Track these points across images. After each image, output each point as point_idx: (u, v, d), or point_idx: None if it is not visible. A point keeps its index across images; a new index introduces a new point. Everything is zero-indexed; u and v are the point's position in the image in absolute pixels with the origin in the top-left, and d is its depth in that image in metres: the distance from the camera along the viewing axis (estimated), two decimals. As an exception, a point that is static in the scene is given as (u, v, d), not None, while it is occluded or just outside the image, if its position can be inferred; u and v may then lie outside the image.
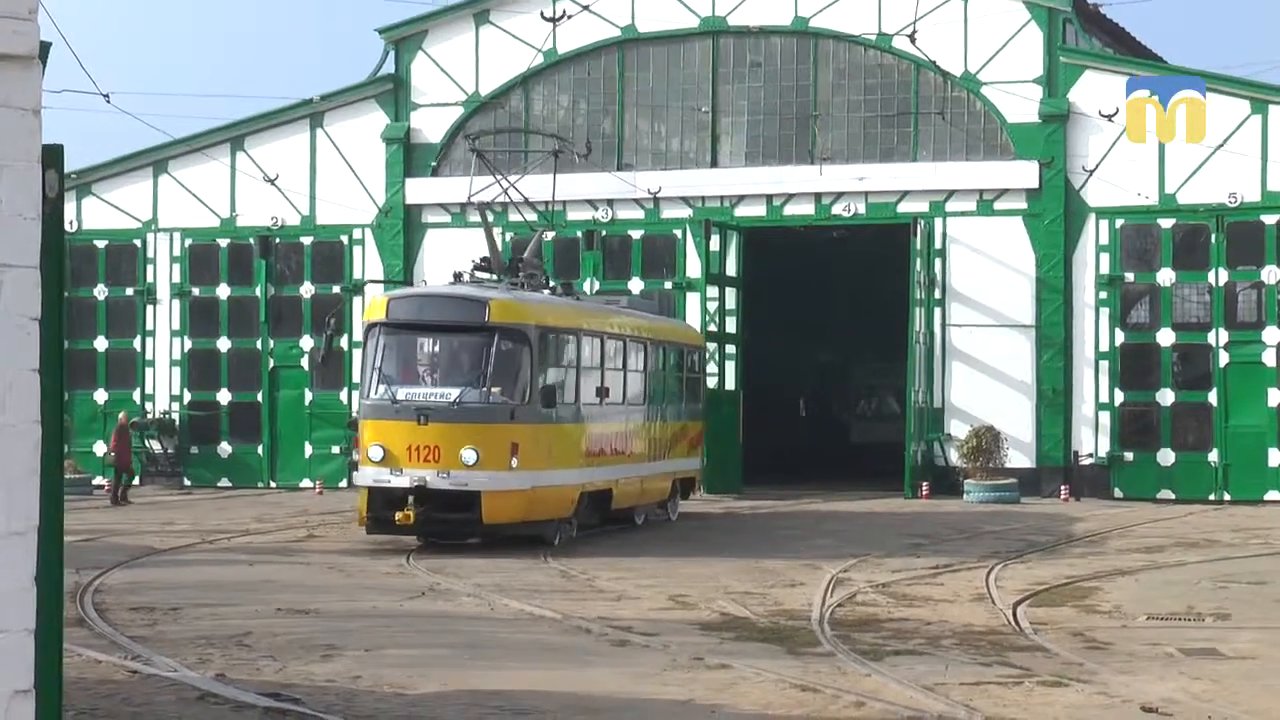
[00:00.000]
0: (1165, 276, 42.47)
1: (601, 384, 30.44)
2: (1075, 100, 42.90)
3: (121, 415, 43.22)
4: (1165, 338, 42.37)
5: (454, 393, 26.89)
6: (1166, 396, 42.29)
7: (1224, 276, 42.01)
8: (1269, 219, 41.58)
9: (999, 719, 13.14)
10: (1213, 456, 41.81)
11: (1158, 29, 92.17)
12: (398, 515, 26.23)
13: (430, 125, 46.66)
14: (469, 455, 26.38)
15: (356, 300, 45.49)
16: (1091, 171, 42.46)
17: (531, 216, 35.75)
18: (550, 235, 42.05)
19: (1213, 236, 41.91)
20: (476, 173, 35.09)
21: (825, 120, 44.61)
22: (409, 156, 46.69)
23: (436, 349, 27.91)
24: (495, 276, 30.56)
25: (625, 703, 13.88)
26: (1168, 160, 42.07)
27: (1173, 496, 41.38)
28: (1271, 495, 41.08)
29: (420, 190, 46.50)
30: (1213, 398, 41.92)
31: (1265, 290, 42.08)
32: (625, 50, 45.66)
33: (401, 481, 26.46)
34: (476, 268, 30.81)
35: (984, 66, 43.33)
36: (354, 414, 46.10)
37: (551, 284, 32.61)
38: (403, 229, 46.38)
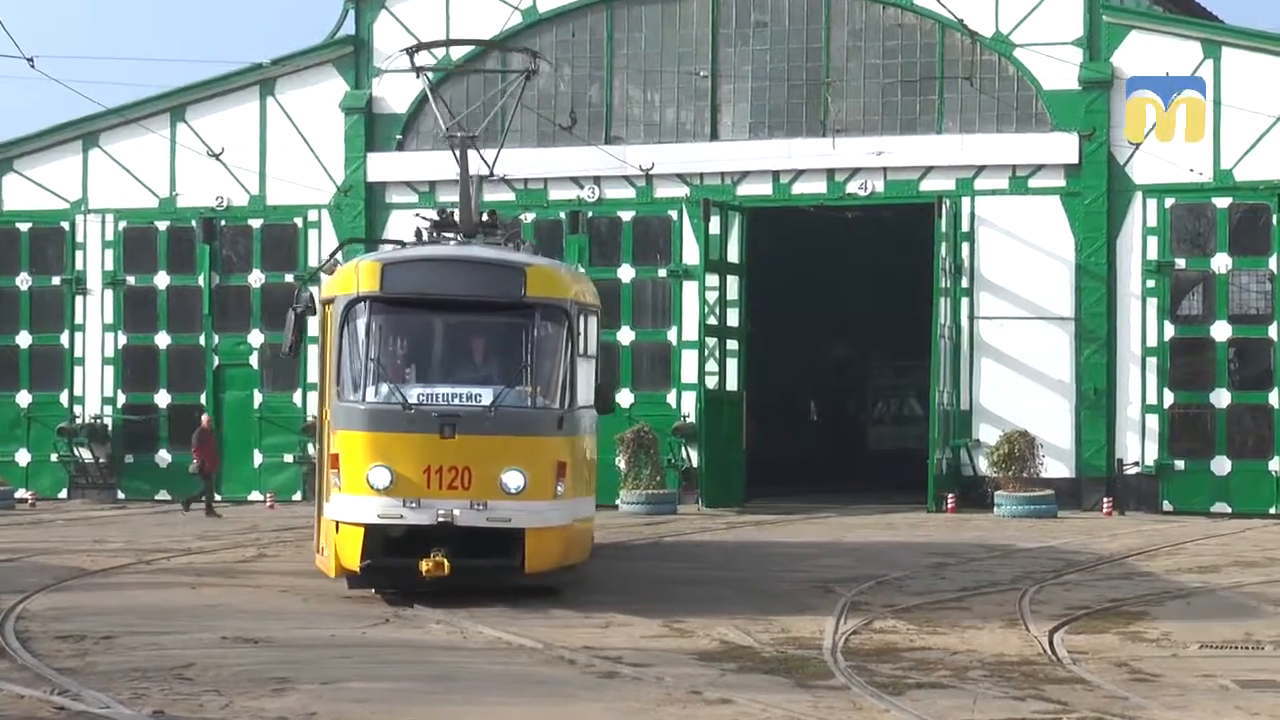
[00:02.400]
0: (1221, 263, 42.51)
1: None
2: (1120, 65, 42.94)
3: (205, 418, 43.21)
4: (1221, 331, 42.41)
5: (487, 394, 22.69)
6: (1222, 398, 42.32)
7: (1286, 263, 42.05)
8: (1337, 198, 41.65)
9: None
10: (1274, 465, 41.87)
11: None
12: (425, 565, 21.95)
13: (395, 93, 46.63)
14: (513, 480, 22.43)
15: (312, 290, 45.54)
16: (1138, 145, 42.51)
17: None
18: (530, 217, 42.14)
19: (1274, 217, 41.98)
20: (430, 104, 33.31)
21: (839, 87, 44.64)
22: (371, 128, 46.68)
23: (456, 334, 23.87)
24: (460, 237, 25.64)
25: (614, 742, 13.90)
26: (1224, 132, 42.12)
27: (1229, 510, 41.43)
28: (1340, 508, 41.14)
29: (384, 166, 46.49)
30: (1273, 399, 41.98)
31: (1333, 278, 42.14)
32: (614, 9, 45.67)
33: (420, 517, 22.31)
34: (438, 225, 25.96)
35: (1017, 26, 43.37)
36: (309, 419, 46.40)
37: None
38: (364, 210, 46.39)
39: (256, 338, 46.72)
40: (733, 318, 44.40)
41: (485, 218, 26.25)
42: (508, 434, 22.52)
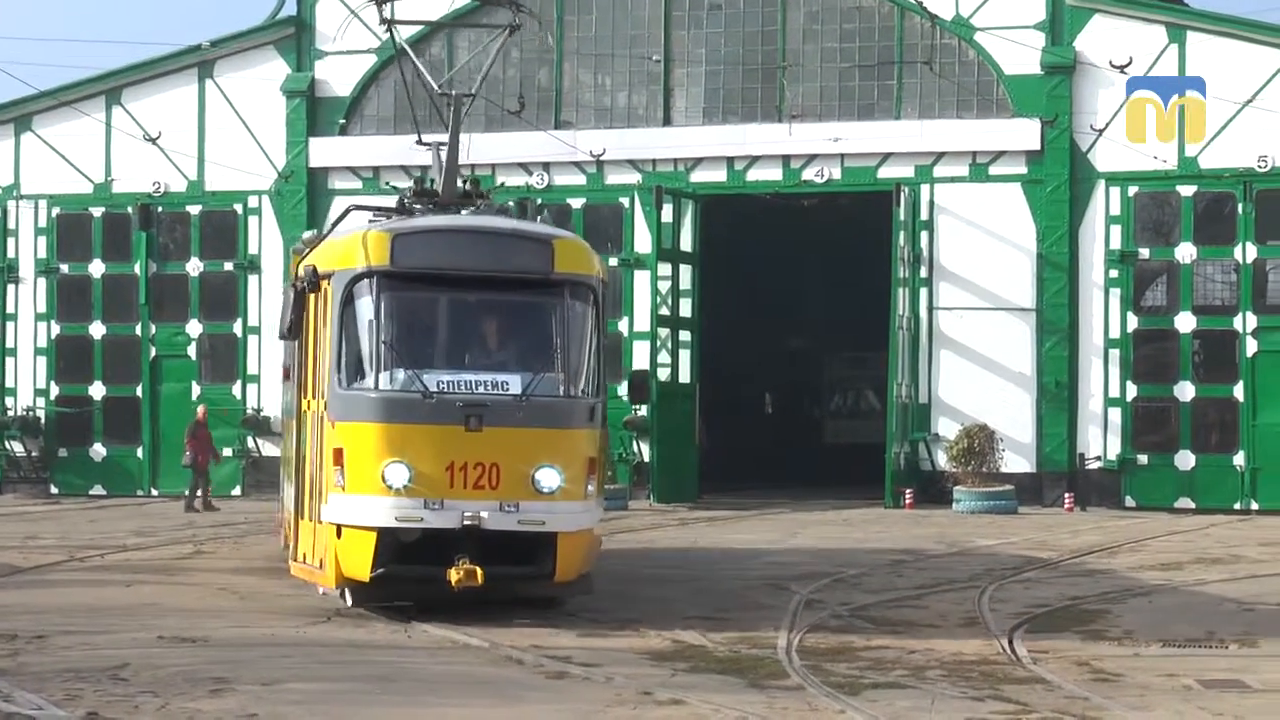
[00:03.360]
0: (1185, 252, 42.68)
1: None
2: (1082, 49, 43.08)
3: (200, 410, 42.94)
4: (1185, 323, 42.59)
5: (515, 381, 20.83)
6: (1186, 390, 42.50)
7: (1252, 252, 42.27)
8: (1303, 186, 41.85)
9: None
10: (1238, 460, 42.06)
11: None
12: (454, 573, 20.05)
13: (338, 76, 46.55)
14: (549, 478, 20.59)
15: (252, 279, 45.50)
16: (1101, 131, 42.65)
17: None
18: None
19: (1239, 206, 42.17)
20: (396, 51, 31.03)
21: (795, 72, 44.68)
22: (313, 112, 46.58)
23: (476, 315, 21.67)
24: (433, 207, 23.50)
25: (562, 744, 13.90)
26: (1188, 119, 42.27)
27: (1192, 505, 41.62)
28: (1306, 504, 41.36)
29: (326, 151, 46.39)
30: (1239, 392, 42.16)
31: (1298, 268, 42.38)
32: (564, -10, 45.62)
33: (443, 520, 20.33)
34: (419, 194, 23.89)
35: (978, 10, 43.47)
36: (249, 411, 46.30)
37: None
38: (306, 196, 46.30)
39: (195, 328, 46.60)
40: (686, 308, 44.44)
41: (468, 187, 24.05)
42: (540, 426, 20.66)
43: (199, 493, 40.87)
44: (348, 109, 46.49)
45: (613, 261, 44.68)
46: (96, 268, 47.58)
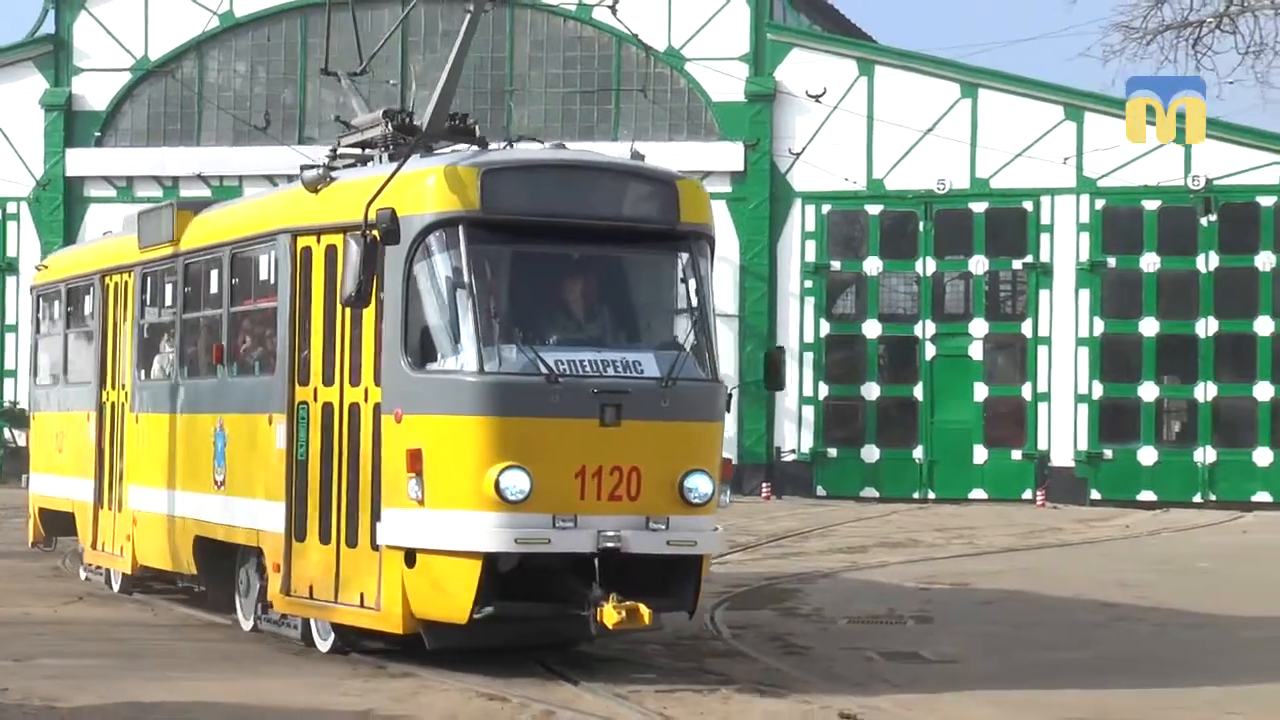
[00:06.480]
0: (872, 265, 43.39)
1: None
2: (782, 79, 43.62)
3: None
4: (872, 329, 43.28)
5: (650, 361, 15.25)
6: (872, 390, 43.19)
7: (931, 266, 43.05)
8: (977, 207, 42.73)
9: (695, 729, 13.30)
10: (918, 453, 42.84)
11: (867, 7, 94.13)
12: (610, 612, 14.34)
13: (94, 91, 45.73)
14: (701, 485, 15.11)
15: (10, 280, 44.55)
16: (798, 155, 43.19)
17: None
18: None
19: (920, 224, 42.94)
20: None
21: (522, 95, 44.72)
22: (70, 125, 45.73)
23: (590, 275, 15.72)
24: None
25: (300, 713, 13.75)
26: (876, 144, 42.99)
27: (877, 495, 42.29)
28: (976, 494, 42.25)
29: (82, 162, 45.58)
30: (918, 392, 42.92)
31: (973, 281, 43.24)
32: (308, 16, 45.23)
33: (575, 541, 14.66)
34: (399, 128, 17.68)
35: (688, 42, 43.84)
36: (6, 404, 45.29)
37: None
38: (63, 203, 45.43)
39: (-45, 325, 45.55)
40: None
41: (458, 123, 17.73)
42: (685, 419, 15.25)
43: None
44: (103, 122, 45.67)
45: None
46: None
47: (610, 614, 14.26)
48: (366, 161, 17.41)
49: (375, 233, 14.88)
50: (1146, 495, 41.85)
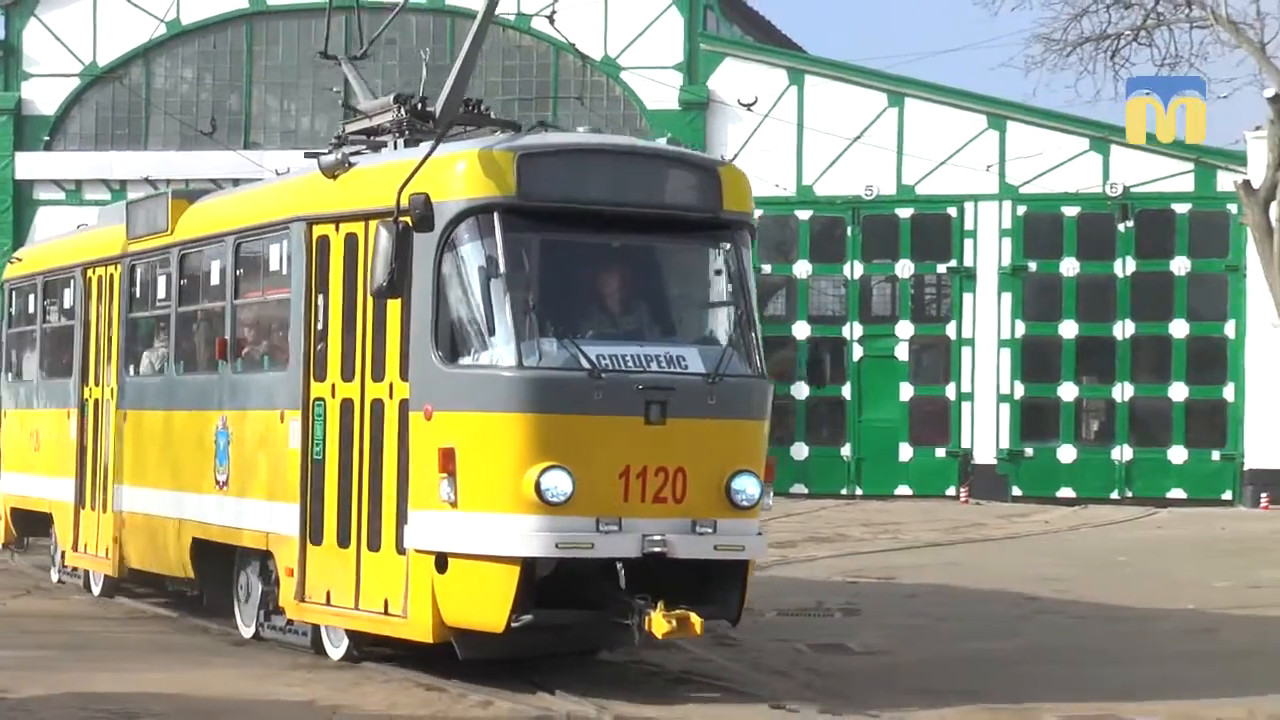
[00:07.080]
0: (802, 269, 43.52)
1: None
2: (715, 88, 43.71)
3: None
4: (801, 330, 43.40)
5: (694, 355, 14.42)
6: (802, 390, 43.31)
7: (859, 270, 43.23)
8: (903, 213, 42.92)
9: (631, 719, 13.34)
10: (845, 451, 42.98)
11: (798, 18, 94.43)
12: (659, 621, 13.36)
13: (44, 97, 45.49)
14: (748, 487, 14.28)
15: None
16: (730, 161, 43.23)
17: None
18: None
19: (849, 229, 43.11)
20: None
21: (462, 102, 44.62)
22: (19, 129, 45.46)
23: (634, 265, 14.93)
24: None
25: (243, 704, 13.77)
26: (806, 151, 43.15)
27: (806, 491, 42.38)
28: (902, 490, 42.43)
29: (31, 165, 45.32)
30: (846, 391, 43.08)
31: (899, 284, 43.45)
32: (254, 23, 45.17)
33: (620, 546, 13.74)
34: (414, 113, 16.93)
35: (624, 51, 43.89)
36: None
37: None
38: (12, 206, 45.16)
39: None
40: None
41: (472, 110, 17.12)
42: (732, 417, 14.34)
43: None
44: (52, 126, 45.45)
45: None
46: None
47: (660, 623, 13.27)
48: (378, 148, 16.42)
49: (407, 219, 13.81)
50: (1066, 492, 42.09)
